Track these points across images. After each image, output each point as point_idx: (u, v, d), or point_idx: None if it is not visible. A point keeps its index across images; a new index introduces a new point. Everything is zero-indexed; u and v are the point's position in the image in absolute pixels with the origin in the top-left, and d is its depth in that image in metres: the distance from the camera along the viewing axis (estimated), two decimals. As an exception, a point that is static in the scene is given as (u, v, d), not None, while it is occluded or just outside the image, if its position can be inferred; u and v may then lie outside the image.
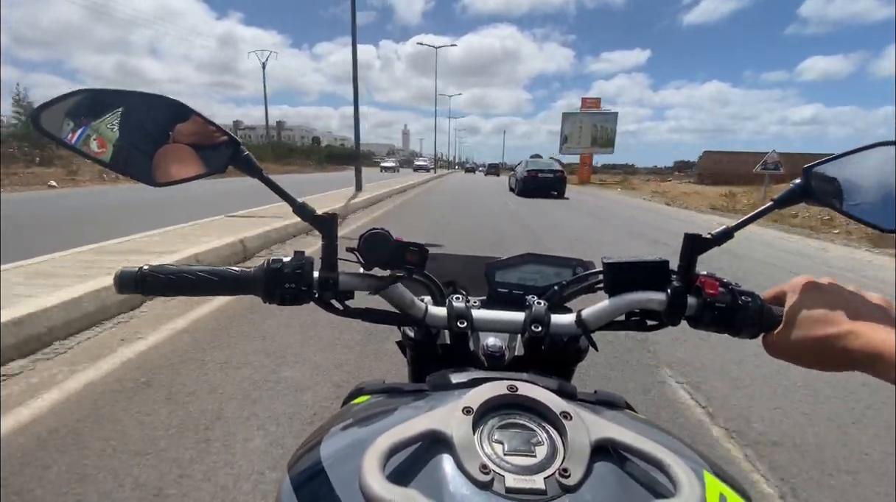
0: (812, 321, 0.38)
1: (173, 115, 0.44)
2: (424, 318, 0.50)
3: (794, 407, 1.98)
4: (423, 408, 0.37)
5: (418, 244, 0.47)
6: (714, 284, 0.45)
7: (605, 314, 0.48)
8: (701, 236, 0.46)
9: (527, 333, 0.48)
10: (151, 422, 1.68)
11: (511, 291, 0.57)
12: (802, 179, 0.44)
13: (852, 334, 0.35)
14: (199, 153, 0.45)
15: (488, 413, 0.34)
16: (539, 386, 0.36)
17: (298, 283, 0.46)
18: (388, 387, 0.47)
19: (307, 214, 0.47)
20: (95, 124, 0.43)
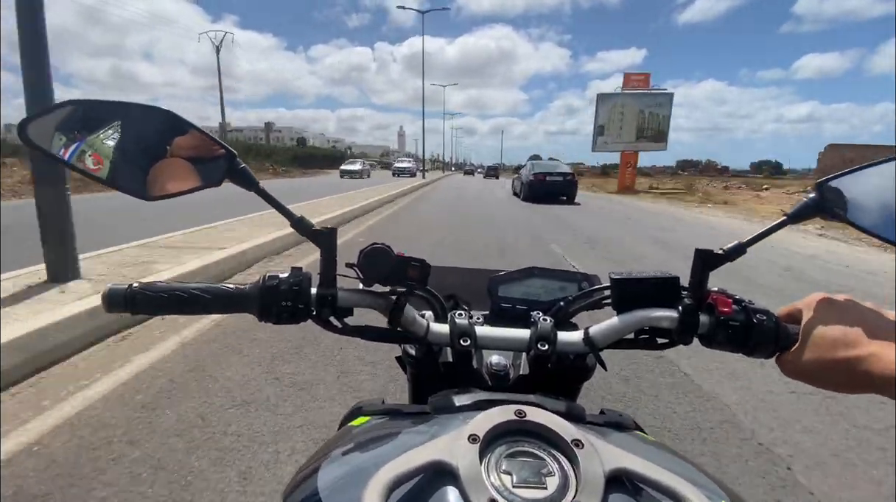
0: (830, 341, 0.37)
1: (169, 127, 0.43)
2: (426, 336, 0.48)
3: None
4: (427, 435, 0.36)
5: (420, 259, 0.46)
6: (727, 302, 0.44)
7: (615, 332, 0.47)
8: (713, 252, 0.45)
9: (532, 351, 0.46)
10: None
11: (515, 306, 0.56)
12: (816, 194, 0.43)
13: (873, 357, 0.34)
14: (194, 166, 0.44)
15: (495, 440, 0.32)
16: (548, 411, 0.35)
17: (295, 301, 0.44)
18: (388, 409, 0.46)
19: (305, 229, 0.46)
20: (91, 139, 0.41)
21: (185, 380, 2.09)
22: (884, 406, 2.01)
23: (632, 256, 5.55)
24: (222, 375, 2.15)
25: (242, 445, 1.62)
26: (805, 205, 0.44)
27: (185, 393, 1.99)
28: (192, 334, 2.63)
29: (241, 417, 1.80)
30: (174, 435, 1.67)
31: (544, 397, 0.41)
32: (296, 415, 1.83)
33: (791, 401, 2.08)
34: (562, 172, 13.11)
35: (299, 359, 2.33)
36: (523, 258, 5.32)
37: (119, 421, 1.76)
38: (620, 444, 0.34)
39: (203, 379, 2.11)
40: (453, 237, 6.48)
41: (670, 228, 8.54)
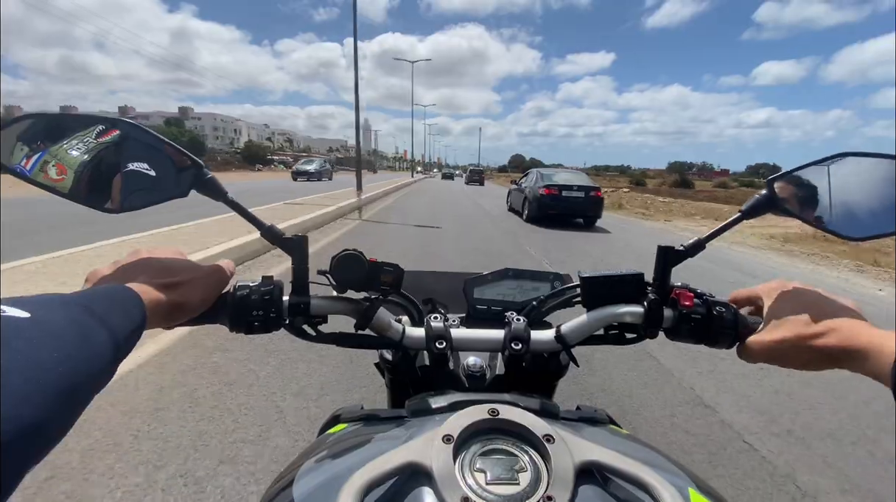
0: (790, 322, 0.40)
1: (133, 138, 0.43)
2: (402, 340, 0.49)
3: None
4: (402, 438, 0.37)
5: (393, 264, 0.47)
6: (689, 296, 0.46)
7: (584, 329, 0.48)
8: (674, 248, 0.48)
9: (507, 351, 0.47)
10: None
11: (490, 307, 0.58)
12: (767, 190, 0.46)
13: (831, 331, 0.37)
14: (160, 177, 0.43)
15: (469, 439, 0.33)
16: (521, 409, 0.36)
17: (267, 310, 0.45)
18: (365, 415, 0.46)
19: (276, 237, 0.47)
20: (54, 149, 0.40)
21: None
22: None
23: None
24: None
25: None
26: (758, 200, 0.46)
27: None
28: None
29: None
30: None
31: (519, 395, 0.42)
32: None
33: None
34: (584, 186, 9.53)
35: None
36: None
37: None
38: (592, 438, 0.35)
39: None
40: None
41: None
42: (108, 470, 1.50)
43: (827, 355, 0.37)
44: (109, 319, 0.30)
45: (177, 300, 0.40)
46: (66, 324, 0.26)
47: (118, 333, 0.30)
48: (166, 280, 0.40)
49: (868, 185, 0.42)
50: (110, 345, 0.28)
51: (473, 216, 10.62)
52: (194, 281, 0.42)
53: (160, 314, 0.38)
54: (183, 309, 0.41)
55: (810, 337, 0.38)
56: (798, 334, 0.39)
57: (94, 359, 0.27)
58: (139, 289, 0.36)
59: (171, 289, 0.39)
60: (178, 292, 0.40)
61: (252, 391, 2.07)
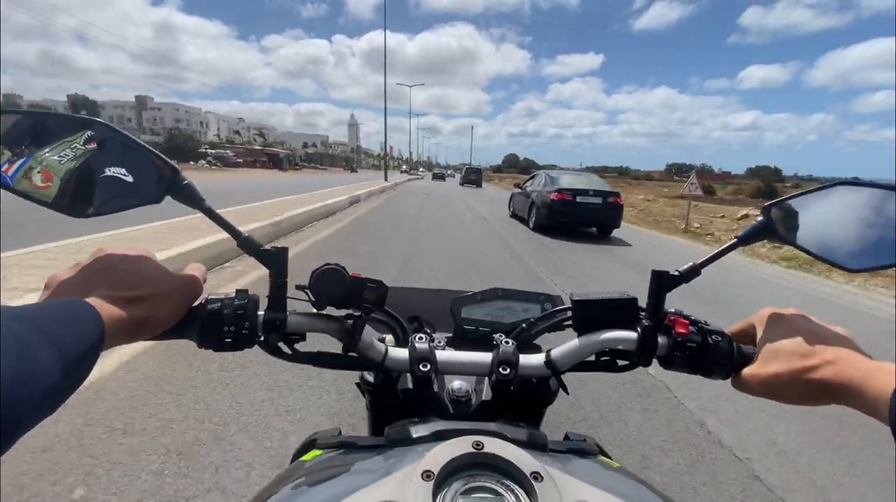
0: (784, 355, 0.39)
1: (106, 139, 0.41)
2: (384, 362, 0.47)
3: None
4: (380, 471, 0.35)
5: (377, 280, 0.45)
6: (684, 323, 0.45)
7: (575, 354, 0.47)
8: (668, 273, 0.46)
9: (494, 376, 0.46)
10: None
11: (478, 328, 0.56)
12: (764, 217, 0.45)
13: (825, 364, 0.36)
14: (133, 181, 0.41)
15: (452, 475, 0.32)
16: (507, 441, 0.35)
17: (239, 326, 0.43)
18: (342, 442, 0.45)
19: (253, 248, 0.45)
20: (40, 155, 0.38)
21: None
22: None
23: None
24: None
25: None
26: (754, 227, 0.45)
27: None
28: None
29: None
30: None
31: (505, 425, 0.41)
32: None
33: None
34: (601, 191, 8.42)
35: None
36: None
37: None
38: (582, 475, 0.34)
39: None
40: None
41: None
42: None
43: (822, 389, 0.36)
44: (59, 337, 0.28)
45: (141, 316, 0.37)
46: (5, 338, 0.24)
47: (68, 353, 0.27)
48: (131, 293, 0.37)
49: (866, 216, 0.42)
50: (57, 364, 0.26)
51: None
52: (162, 294, 0.39)
53: (122, 331, 0.35)
54: (148, 325, 0.38)
55: (804, 370, 0.37)
56: (792, 368, 0.38)
57: (36, 379, 0.25)
58: (99, 303, 0.33)
59: (136, 303, 0.36)
60: (144, 307, 0.37)
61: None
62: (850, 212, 0.42)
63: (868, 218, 0.41)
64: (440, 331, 0.58)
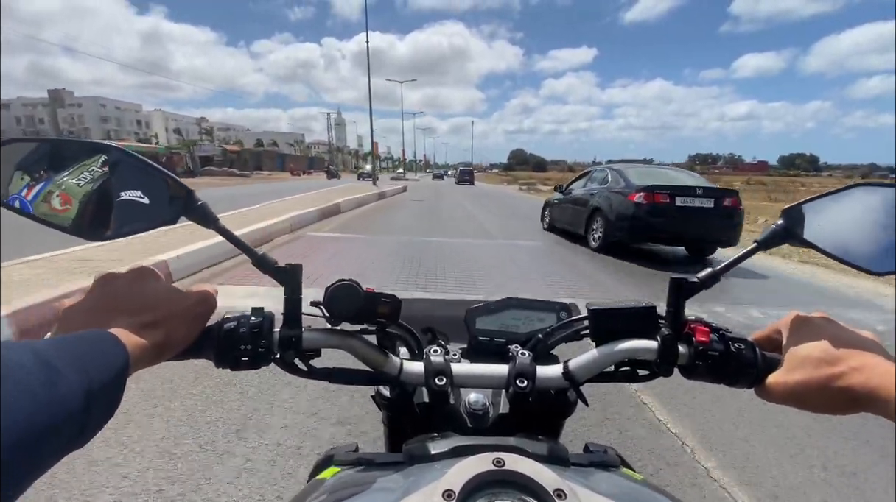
0: (811, 362, 0.38)
1: (120, 163, 0.42)
2: (399, 376, 0.48)
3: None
4: (399, 490, 0.35)
5: (390, 295, 0.45)
6: (705, 331, 0.44)
7: (594, 365, 0.46)
8: (687, 280, 0.45)
9: (511, 388, 0.46)
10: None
11: (493, 339, 0.56)
12: (784, 220, 0.44)
13: (853, 371, 0.36)
14: (149, 203, 0.43)
15: (473, 494, 0.32)
16: (528, 458, 0.35)
17: (255, 345, 0.44)
18: (359, 459, 0.45)
19: (268, 266, 0.46)
20: (58, 179, 0.40)
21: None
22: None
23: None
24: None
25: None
26: (774, 231, 0.45)
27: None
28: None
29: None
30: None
31: (525, 439, 0.41)
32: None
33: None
34: (711, 188, 5.93)
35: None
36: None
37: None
38: (605, 489, 0.34)
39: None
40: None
41: None
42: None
43: (850, 398, 0.36)
44: (85, 364, 0.29)
45: (160, 340, 0.38)
46: (34, 369, 0.25)
47: (93, 380, 0.28)
48: (147, 318, 0.38)
49: (887, 217, 0.41)
50: (81, 392, 0.27)
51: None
52: (177, 316, 0.40)
53: (144, 356, 0.37)
54: (168, 346, 0.39)
55: (831, 378, 0.37)
56: (818, 376, 0.37)
57: (61, 407, 0.25)
58: (120, 332, 0.34)
59: (154, 327, 0.38)
60: (162, 329, 0.38)
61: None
62: (870, 214, 0.42)
63: (890, 219, 0.41)
64: (454, 341, 0.58)
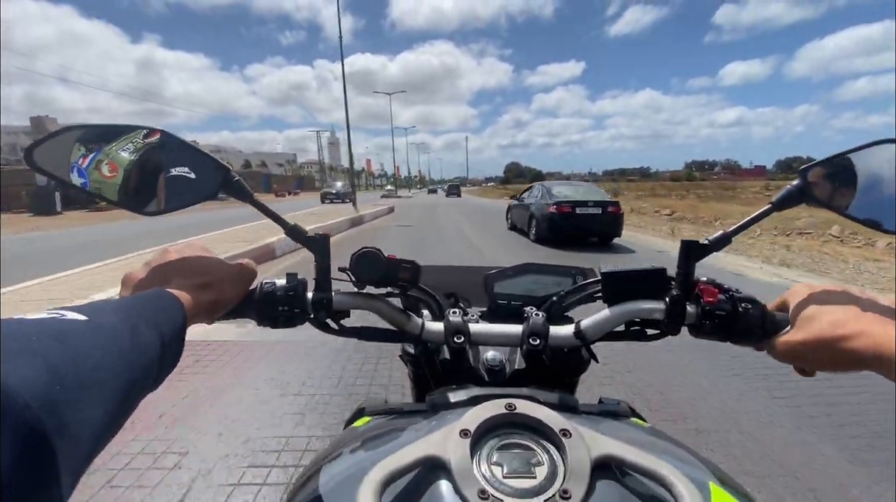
0: (817, 323, 0.39)
1: (166, 144, 0.46)
2: (421, 334, 0.51)
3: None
4: (422, 431, 0.38)
5: (410, 261, 0.49)
6: (713, 291, 0.46)
7: (604, 324, 0.49)
8: (698, 242, 0.47)
9: (525, 346, 0.49)
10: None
11: (510, 303, 0.59)
12: (800, 180, 0.44)
13: (860, 334, 0.36)
14: (192, 181, 0.47)
15: (487, 433, 0.35)
16: (538, 403, 0.37)
17: (292, 306, 0.48)
18: (388, 409, 0.48)
19: (300, 235, 0.50)
20: (107, 149, 0.45)
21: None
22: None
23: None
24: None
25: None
26: (789, 191, 0.45)
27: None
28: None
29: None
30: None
31: (537, 390, 0.44)
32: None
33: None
34: (601, 201, 8.49)
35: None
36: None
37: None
38: (610, 432, 0.36)
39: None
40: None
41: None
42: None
43: (857, 359, 0.36)
44: (157, 322, 0.33)
45: (211, 299, 0.43)
46: (120, 327, 0.29)
47: (165, 335, 0.33)
48: (200, 280, 0.43)
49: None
50: (157, 345, 0.31)
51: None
52: (225, 279, 0.45)
53: (199, 313, 0.41)
54: (217, 305, 0.44)
55: (839, 339, 0.37)
56: (826, 335, 0.38)
57: (145, 360, 0.29)
58: (177, 292, 0.39)
59: (206, 288, 0.43)
60: (213, 291, 0.43)
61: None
62: (888, 171, 0.40)
63: None
64: (475, 306, 0.61)
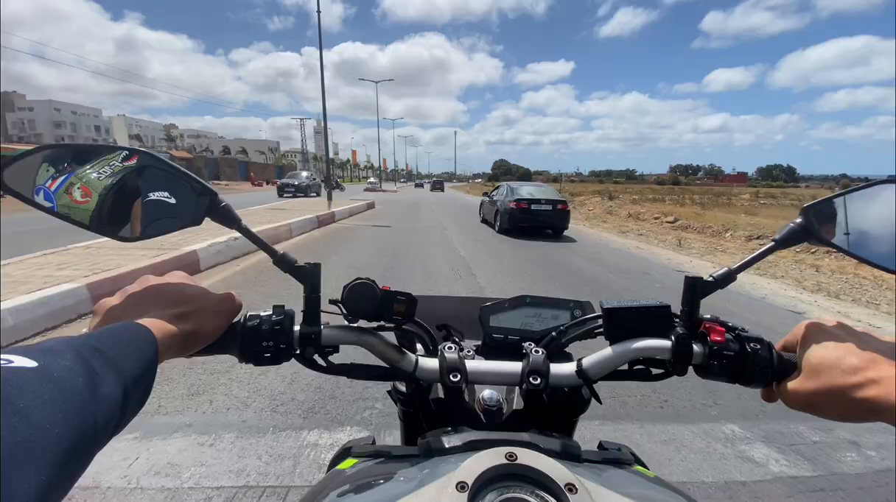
0: (828, 369, 0.37)
1: (148, 166, 0.44)
2: (415, 372, 0.49)
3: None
4: (415, 481, 0.36)
5: (406, 293, 0.47)
6: (720, 330, 0.45)
7: (608, 363, 0.47)
8: (703, 279, 0.46)
9: (525, 385, 0.47)
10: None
11: (507, 337, 0.57)
12: (803, 218, 0.44)
13: (871, 383, 0.35)
14: (175, 205, 0.44)
15: (486, 486, 0.32)
16: (540, 452, 0.35)
17: (277, 341, 0.45)
18: (377, 451, 0.46)
19: (288, 265, 0.47)
20: (80, 172, 0.42)
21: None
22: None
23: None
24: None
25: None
26: (792, 229, 0.45)
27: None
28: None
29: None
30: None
31: (538, 435, 0.42)
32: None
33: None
34: (551, 199, 10.66)
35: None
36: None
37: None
38: (617, 486, 0.34)
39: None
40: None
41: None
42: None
43: (868, 409, 0.35)
44: (119, 361, 0.30)
45: (189, 330, 0.40)
46: (75, 375, 0.26)
47: (128, 376, 0.30)
48: (178, 310, 0.40)
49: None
50: (119, 390, 0.28)
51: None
52: (206, 309, 0.43)
53: (174, 346, 0.39)
54: (196, 338, 0.42)
55: (848, 387, 0.36)
56: (836, 384, 0.36)
57: (102, 413, 0.26)
58: (151, 323, 0.37)
59: (184, 319, 0.40)
60: (191, 322, 0.41)
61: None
62: (892, 212, 0.41)
63: None
64: (469, 338, 0.59)
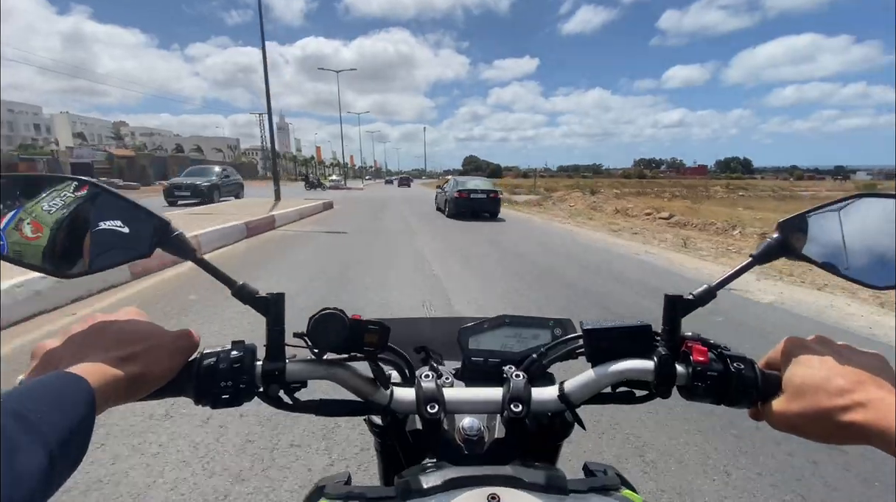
0: (814, 390, 0.36)
1: (97, 197, 0.41)
2: (390, 404, 0.46)
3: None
4: None
5: (377, 321, 0.44)
6: (703, 350, 0.44)
7: (590, 386, 0.46)
8: (682, 297, 0.45)
9: (506, 413, 0.45)
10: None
11: (487, 360, 0.55)
12: (779, 234, 0.44)
13: (857, 405, 0.34)
14: (125, 235, 0.42)
15: None
16: (524, 491, 0.34)
17: (237, 380, 0.42)
18: (350, 493, 0.43)
19: (248, 296, 0.44)
20: (30, 206, 0.39)
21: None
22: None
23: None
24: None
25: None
26: (769, 245, 0.44)
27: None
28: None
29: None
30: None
31: (521, 467, 0.40)
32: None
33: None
34: (485, 190, 13.55)
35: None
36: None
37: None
38: None
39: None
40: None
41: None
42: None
43: (855, 432, 0.34)
44: (44, 424, 0.27)
45: (136, 373, 0.37)
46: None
47: (55, 440, 0.27)
48: (123, 352, 0.37)
49: (890, 230, 0.40)
50: (44, 460, 0.25)
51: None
52: (156, 348, 0.39)
53: (116, 392, 0.35)
54: (144, 381, 0.38)
55: (834, 410, 0.35)
56: (819, 407, 0.36)
57: (23, 482, 0.24)
58: (89, 369, 0.33)
59: (129, 361, 0.37)
60: (138, 364, 0.37)
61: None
62: (870, 226, 0.41)
63: (890, 232, 0.39)
64: (448, 359, 0.57)
